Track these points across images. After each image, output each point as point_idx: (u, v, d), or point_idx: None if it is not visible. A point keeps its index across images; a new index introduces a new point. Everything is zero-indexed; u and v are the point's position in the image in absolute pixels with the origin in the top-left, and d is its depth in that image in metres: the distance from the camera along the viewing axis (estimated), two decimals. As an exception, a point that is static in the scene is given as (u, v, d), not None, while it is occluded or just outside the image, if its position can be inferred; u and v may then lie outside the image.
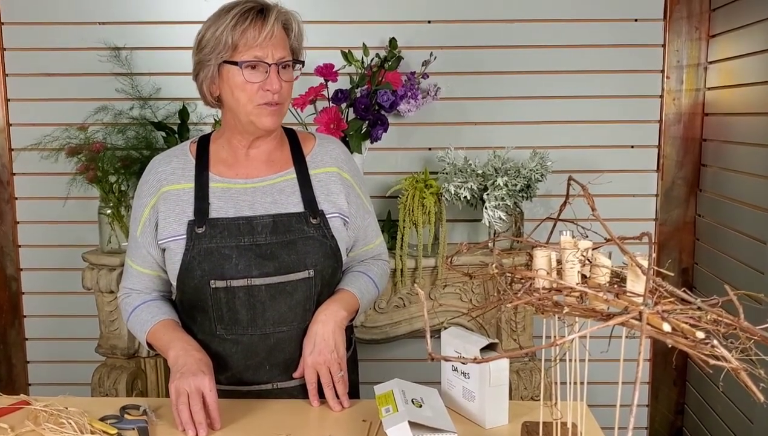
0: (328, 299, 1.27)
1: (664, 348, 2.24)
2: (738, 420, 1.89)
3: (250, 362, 1.24)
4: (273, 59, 1.17)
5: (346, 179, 1.32)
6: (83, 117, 2.09)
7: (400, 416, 1.00)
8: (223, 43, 1.16)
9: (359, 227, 1.35)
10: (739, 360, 0.64)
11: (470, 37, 2.16)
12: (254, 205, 1.24)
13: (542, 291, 0.81)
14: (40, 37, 2.17)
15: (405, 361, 2.29)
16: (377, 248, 1.41)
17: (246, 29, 1.16)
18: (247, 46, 1.16)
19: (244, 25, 1.16)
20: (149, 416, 1.14)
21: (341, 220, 1.29)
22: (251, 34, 1.16)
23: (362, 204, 1.35)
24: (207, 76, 1.20)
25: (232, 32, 1.15)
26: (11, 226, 2.25)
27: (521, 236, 2.04)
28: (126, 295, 1.33)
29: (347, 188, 1.31)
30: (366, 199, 1.37)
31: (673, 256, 2.23)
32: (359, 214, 1.34)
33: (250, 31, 1.16)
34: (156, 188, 1.26)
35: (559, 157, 2.11)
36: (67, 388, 1.75)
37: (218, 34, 1.16)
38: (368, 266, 1.38)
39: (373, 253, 1.41)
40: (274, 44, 1.17)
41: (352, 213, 1.31)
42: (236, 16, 1.16)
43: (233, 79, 1.18)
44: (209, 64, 1.19)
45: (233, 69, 1.17)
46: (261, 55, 1.17)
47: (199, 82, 1.23)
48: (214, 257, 1.20)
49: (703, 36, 2.14)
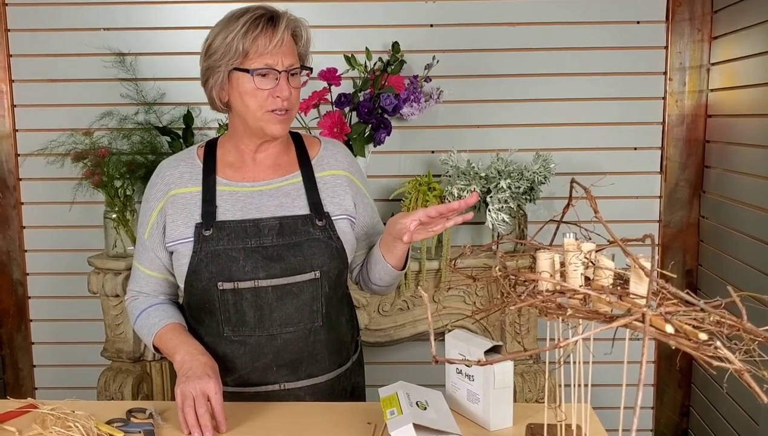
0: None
1: (669, 350, 2.24)
2: (743, 422, 1.89)
3: (258, 363, 1.25)
4: (283, 66, 1.18)
5: (353, 181, 1.33)
6: (89, 122, 2.11)
7: (405, 418, 1.00)
8: (234, 50, 1.16)
9: (368, 225, 1.37)
10: (743, 361, 0.64)
11: (473, 41, 2.16)
12: (261, 208, 1.25)
13: (546, 293, 0.82)
14: (46, 44, 2.18)
15: (409, 364, 2.29)
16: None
17: (257, 36, 1.16)
18: (258, 54, 1.17)
19: (255, 32, 1.16)
20: (155, 419, 1.15)
21: (348, 221, 1.30)
22: (262, 41, 1.16)
23: (369, 203, 1.38)
24: (217, 82, 1.21)
25: (243, 39, 1.16)
26: (17, 230, 2.27)
27: (524, 238, 2.04)
28: (133, 298, 1.34)
29: (354, 190, 1.33)
30: (371, 200, 1.40)
31: (677, 258, 2.23)
32: (367, 213, 1.36)
33: (261, 38, 1.16)
34: (164, 192, 1.27)
35: (562, 160, 2.11)
36: (73, 392, 1.75)
37: (228, 41, 1.16)
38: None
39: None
40: (284, 52, 1.18)
41: (359, 212, 1.33)
42: (247, 23, 1.16)
43: (243, 86, 1.19)
44: (219, 71, 1.19)
45: (244, 76, 1.18)
46: (271, 62, 1.17)
47: (209, 88, 1.23)
48: (221, 259, 1.21)
49: (706, 38, 2.14)
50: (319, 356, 1.27)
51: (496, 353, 1.13)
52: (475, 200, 1.13)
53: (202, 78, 1.24)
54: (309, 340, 1.25)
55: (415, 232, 1.18)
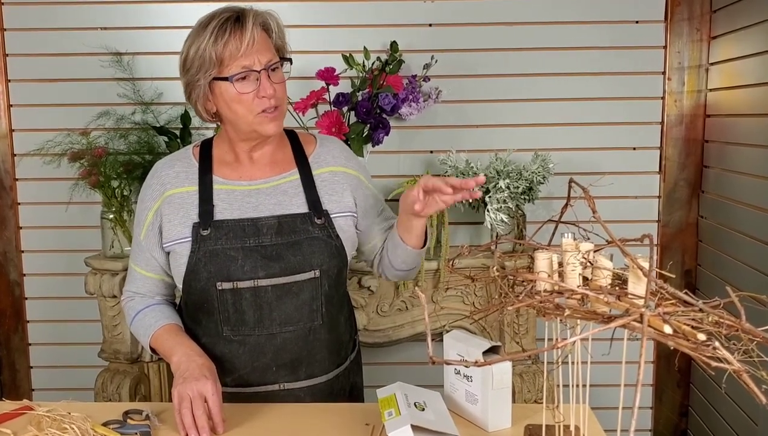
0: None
1: (667, 350, 2.23)
2: (742, 422, 1.88)
3: (257, 363, 1.25)
4: (261, 65, 1.17)
5: (352, 174, 1.32)
6: (85, 122, 2.10)
7: (403, 419, 1.00)
8: (208, 60, 1.15)
9: (374, 214, 1.34)
10: (742, 362, 0.64)
11: (471, 40, 2.16)
12: (258, 207, 1.24)
13: (544, 294, 0.81)
14: (42, 43, 2.17)
15: (408, 364, 2.29)
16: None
17: (227, 41, 1.15)
18: (233, 58, 1.15)
19: (224, 37, 1.15)
20: (152, 420, 1.14)
21: (347, 218, 1.29)
22: (233, 45, 1.15)
23: (372, 194, 1.35)
24: (199, 95, 1.20)
25: (214, 47, 1.15)
26: (14, 231, 2.26)
27: (523, 238, 2.04)
28: (129, 298, 1.33)
29: (353, 183, 1.31)
30: (375, 191, 1.37)
31: (676, 258, 2.23)
32: (369, 203, 1.33)
33: (231, 42, 1.15)
34: (160, 192, 1.27)
35: (561, 160, 2.11)
36: (71, 393, 1.75)
37: (201, 52, 1.16)
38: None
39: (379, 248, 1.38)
40: (258, 49, 1.17)
41: (361, 206, 1.32)
42: (214, 31, 1.15)
43: (226, 94, 1.18)
44: (199, 84, 1.19)
45: (224, 84, 1.17)
46: (248, 64, 1.16)
47: (193, 102, 1.23)
48: (219, 258, 1.21)
49: (705, 37, 2.14)
50: (318, 356, 1.27)
51: (494, 353, 1.12)
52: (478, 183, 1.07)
53: (185, 93, 1.23)
54: (308, 339, 1.25)
55: (426, 203, 1.15)
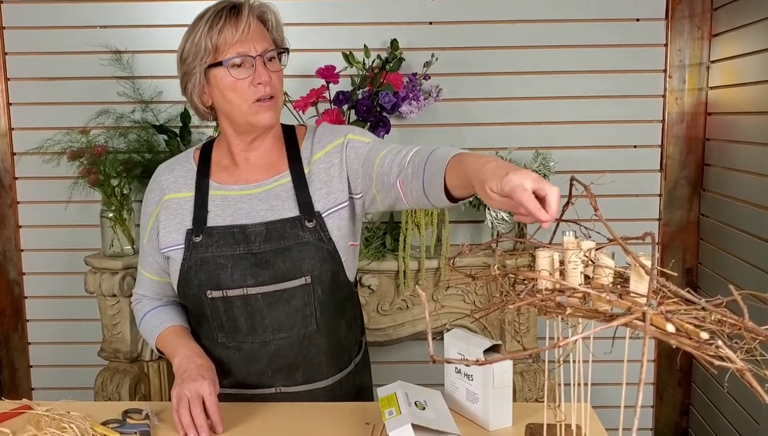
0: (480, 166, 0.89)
1: (669, 349, 2.23)
2: (744, 421, 1.88)
3: (252, 368, 1.24)
4: (256, 51, 1.16)
5: (340, 143, 1.23)
6: (85, 121, 2.10)
7: (404, 418, 1.00)
8: (204, 48, 1.15)
9: (373, 158, 1.19)
10: (744, 361, 0.63)
11: (472, 38, 2.15)
12: (251, 213, 1.22)
13: (545, 292, 0.81)
14: (42, 42, 2.17)
15: (408, 363, 2.29)
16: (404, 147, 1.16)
17: (222, 28, 1.15)
18: (228, 45, 1.15)
19: (219, 24, 1.15)
20: (151, 420, 1.14)
21: (343, 209, 1.22)
22: (229, 32, 1.15)
23: (364, 142, 1.23)
24: (195, 85, 1.19)
25: (209, 35, 1.15)
26: (14, 230, 2.25)
27: (524, 236, 2.03)
28: (137, 301, 1.36)
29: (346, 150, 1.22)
30: (375, 142, 1.23)
31: (677, 256, 2.22)
32: (362, 154, 1.21)
33: (226, 29, 1.15)
34: (159, 197, 1.27)
35: (562, 158, 2.10)
36: (70, 392, 1.75)
37: (197, 41, 1.16)
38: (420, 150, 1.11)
39: (404, 151, 1.14)
40: (254, 37, 1.16)
41: (360, 157, 1.20)
42: (210, 20, 1.15)
43: (222, 82, 1.17)
44: (195, 73, 1.18)
45: (219, 71, 1.16)
46: (243, 50, 1.15)
47: (188, 94, 1.22)
48: (210, 266, 1.19)
49: (705, 35, 2.13)
50: (316, 360, 1.25)
51: (495, 352, 1.12)
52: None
53: (181, 86, 1.23)
54: (304, 344, 1.23)
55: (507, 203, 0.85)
